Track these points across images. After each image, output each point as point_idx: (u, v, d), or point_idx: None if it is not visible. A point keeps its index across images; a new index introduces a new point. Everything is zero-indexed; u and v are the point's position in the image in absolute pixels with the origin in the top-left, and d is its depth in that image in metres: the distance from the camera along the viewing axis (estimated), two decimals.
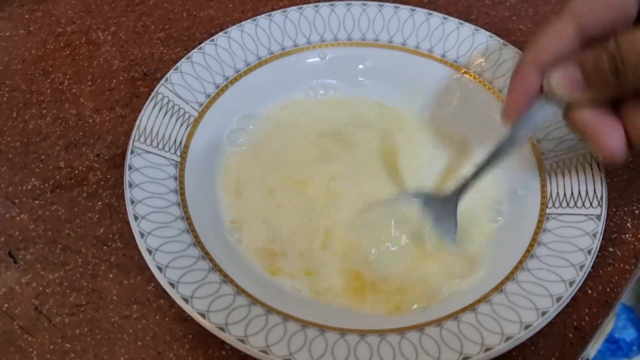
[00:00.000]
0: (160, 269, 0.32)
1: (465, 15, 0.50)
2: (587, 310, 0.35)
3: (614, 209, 0.38)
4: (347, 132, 0.42)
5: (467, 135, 0.41)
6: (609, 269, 0.36)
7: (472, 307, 0.31)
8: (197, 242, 0.34)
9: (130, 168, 0.35)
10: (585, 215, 0.33)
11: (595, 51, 0.28)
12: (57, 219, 0.39)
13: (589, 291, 0.35)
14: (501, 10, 0.51)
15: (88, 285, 0.36)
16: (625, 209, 0.38)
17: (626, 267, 0.36)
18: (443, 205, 0.36)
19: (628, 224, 0.38)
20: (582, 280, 0.31)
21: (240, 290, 0.32)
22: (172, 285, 0.31)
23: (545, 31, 0.31)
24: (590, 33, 0.30)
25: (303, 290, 0.34)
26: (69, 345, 0.33)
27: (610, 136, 0.29)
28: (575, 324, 0.34)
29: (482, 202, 0.37)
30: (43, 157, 0.42)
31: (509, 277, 0.32)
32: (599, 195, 0.34)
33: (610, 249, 0.37)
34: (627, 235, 0.37)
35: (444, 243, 0.36)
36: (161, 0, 0.52)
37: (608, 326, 0.65)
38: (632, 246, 0.37)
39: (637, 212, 0.38)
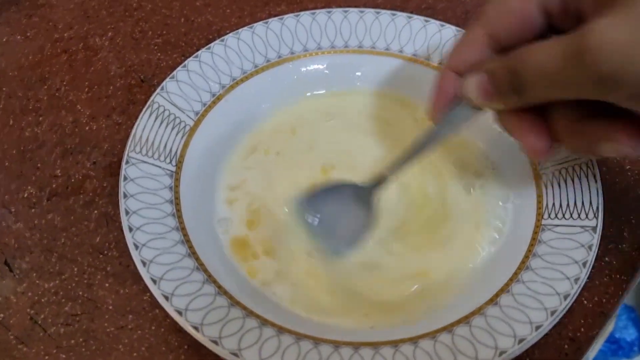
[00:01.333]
0: (154, 281, 0.32)
1: (463, 21, 0.50)
2: (582, 321, 0.35)
3: (611, 219, 0.38)
4: (347, 140, 0.42)
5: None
6: (605, 279, 0.36)
7: (466, 319, 0.31)
8: (192, 253, 0.34)
9: (125, 178, 0.36)
10: (581, 227, 0.33)
11: (497, 63, 0.29)
12: (53, 227, 0.39)
13: (585, 302, 0.35)
14: None
15: (84, 294, 0.36)
16: (622, 218, 0.38)
17: (622, 277, 0.36)
18: (357, 195, 0.36)
19: (625, 234, 0.38)
20: (577, 294, 0.31)
21: (234, 302, 0.32)
22: (166, 297, 0.31)
23: (461, 38, 0.32)
24: (501, 41, 0.31)
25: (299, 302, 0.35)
26: (64, 356, 0.34)
27: (532, 138, 0.30)
28: (570, 335, 0.34)
29: (477, 210, 0.37)
30: (39, 164, 0.42)
31: (504, 289, 0.32)
32: (594, 207, 0.34)
33: (607, 259, 0.37)
34: (623, 245, 0.37)
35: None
36: (159, 5, 0.52)
37: (609, 326, 0.65)
38: (628, 256, 0.37)
39: (634, 221, 0.38)
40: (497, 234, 0.36)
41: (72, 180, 0.41)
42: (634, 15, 0.24)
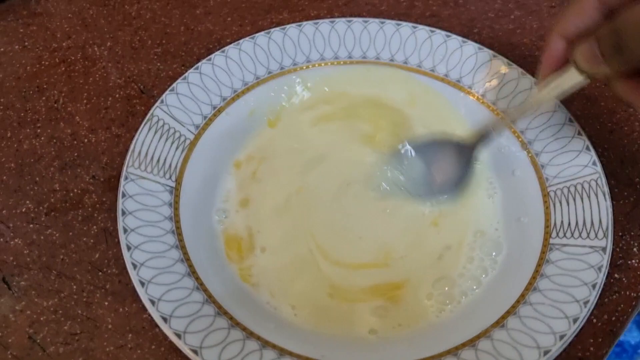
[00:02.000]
0: (153, 302, 0.32)
1: (469, 28, 0.49)
2: (592, 341, 0.34)
3: (620, 233, 0.37)
4: (349, 154, 0.41)
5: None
6: (615, 297, 0.36)
7: (472, 342, 0.31)
8: (192, 272, 0.34)
9: (123, 195, 0.35)
10: (590, 247, 0.33)
11: (604, 28, 0.30)
12: (52, 243, 0.39)
13: (594, 320, 0.35)
14: (505, 24, 0.50)
15: (83, 313, 0.36)
16: (632, 233, 0.38)
17: (632, 294, 0.36)
18: (453, 154, 0.38)
19: (634, 249, 0.37)
20: (587, 317, 0.31)
21: (235, 324, 0.32)
22: (165, 319, 0.31)
23: (571, 4, 0.33)
24: (612, 4, 0.31)
25: (299, 315, 0.34)
26: None
27: None
28: (579, 354, 0.34)
29: (484, 227, 0.37)
30: (37, 179, 0.42)
31: (511, 311, 0.32)
32: (604, 226, 0.34)
33: (616, 276, 0.36)
34: (633, 261, 0.37)
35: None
36: (158, 14, 0.51)
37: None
38: (638, 272, 0.36)
39: None
40: (504, 253, 0.36)
41: (71, 194, 0.41)
42: None
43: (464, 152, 0.38)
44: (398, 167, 0.39)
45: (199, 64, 0.42)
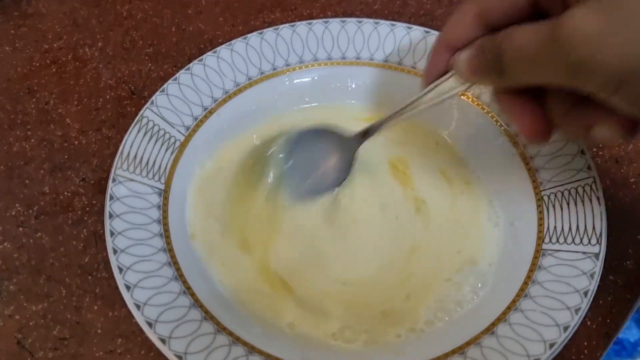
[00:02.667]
0: (138, 307, 0.32)
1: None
2: (586, 343, 0.34)
3: (615, 235, 0.37)
4: None
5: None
6: (609, 298, 0.36)
7: (461, 349, 0.31)
8: (179, 276, 0.34)
9: (111, 198, 0.35)
10: (583, 253, 0.33)
11: (485, 40, 0.30)
12: (41, 247, 0.39)
13: (589, 322, 0.35)
14: None
15: (72, 317, 0.36)
16: (627, 234, 0.38)
17: (627, 296, 0.36)
18: (341, 145, 0.38)
19: (629, 250, 0.37)
20: (578, 324, 0.31)
21: (221, 329, 0.32)
22: (150, 324, 0.31)
23: (454, 14, 0.33)
24: (492, 21, 0.31)
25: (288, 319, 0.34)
26: None
27: (528, 120, 0.31)
28: (574, 357, 0.34)
29: (476, 232, 0.37)
30: (27, 181, 0.42)
31: (501, 318, 0.32)
32: (598, 232, 0.33)
33: (611, 277, 0.36)
34: (628, 263, 0.37)
35: None
36: (149, 14, 0.51)
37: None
38: (633, 274, 0.37)
39: (639, 237, 0.38)
40: (495, 258, 0.36)
41: (61, 197, 0.41)
42: (605, 4, 0.24)
43: (347, 145, 0.38)
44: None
45: (190, 64, 0.42)
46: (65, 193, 0.41)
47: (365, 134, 0.37)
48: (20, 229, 0.40)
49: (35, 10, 0.52)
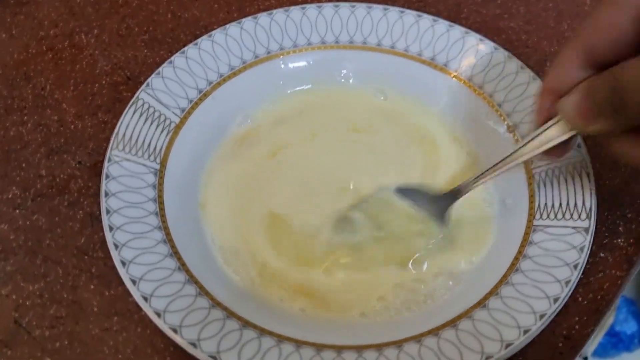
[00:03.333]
0: (134, 282, 0.32)
1: (456, 13, 0.50)
2: (577, 319, 0.35)
3: (606, 213, 0.38)
4: (335, 136, 0.42)
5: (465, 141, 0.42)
6: (600, 275, 0.36)
7: (452, 322, 0.31)
8: (174, 253, 0.34)
9: (107, 177, 0.36)
10: (573, 227, 0.34)
11: (596, 80, 0.28)
12: (38, 228, 0.39)
13: (580, 299, 0.35)
14: (492, 9, 0.51)
15: (68, 296, 0.37)
16: (618, 212, 0.39)
17: (617, 273, 0.36)
18: (432, 204, 0.37)
19: (620, 228, 0.38)
20: (568, 296, 0.31)
21: (215, 304, 0.32)
22: (145, 298, 0.32)
23: (558, 56, 0.32)
24: (598, 57, 0.30)
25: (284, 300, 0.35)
26: (49, 359, 0.34)
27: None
28: (565, 332, 0.34)
29: (467, 209, 0.38)
30: (24, 165, 0.42)
31: (493, 291, 0.32)
32: (587, 207, 0.34)
33: (602, 255, 0.37)
34: (619, 240, 0.38)
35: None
36: (145, 1, 0.52)
37: (609, 319, 0.67)
38: (624, 251, 0.37)
39: (629, 215, 0.39)
40: (487, 235, 0.36)
41: (57, 180, 0.42)
42: None
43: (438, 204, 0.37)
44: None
45: (185, 48, 0.42)
46: (62, 176, 0.42)
47: (458, 192, 0.36)
48: (17, 211, 0.40)
49: None
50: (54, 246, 0.39)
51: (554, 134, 0.32)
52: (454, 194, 0.36)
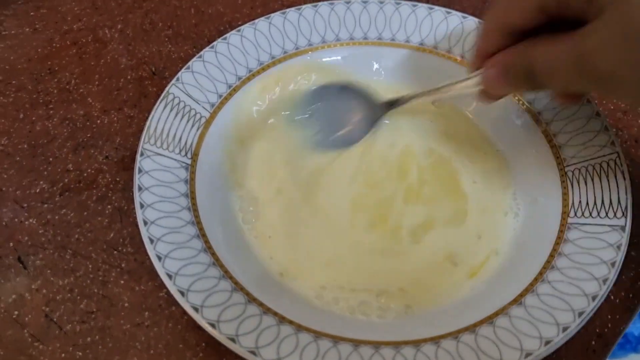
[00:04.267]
0: (170, 277, 0.32)
1: (481, 9, 0.50)
2: (609, 317, 0.35)
3: (636, 212, 0.38)
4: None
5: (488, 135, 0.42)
6: (632, 274, 0.37)
7: (490, 319, 0.31)
8: (208, 248, 0.34)
9: (140, 171, 0.36)
10: (609, 226, 0.34)
11: (516, 60, 0.32)
12: (67, 223, 0.40)
13: (612, 297, 0.36)
14: None
15: (99, 291, 0.37)
16: None
17: None
18: (367, 107, 0.41)
19: None
20: (606, 295, 0.31)
21: (251, 299, 0.33)
22: (182, 293, 0.32)
23: (479, 32, 0.35)
24: (513, 31, 0.33)
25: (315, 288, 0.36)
26: (80, 354, 0.34)
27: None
28: (597, 330, 0.35)
29: (498, 210, 0.38)
30: (51, 159, 0.43)
31: (529, 289, 0.32)
32: (623, 205, 0.34)
33: (633, 253, 0.37)
34: None
35: None
36: None
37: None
38: None
39: None
40: (520, 232, 0.37)
41: (85, 174, 0.42)
42: (617, 20, 0.27)
43: (374, 108, 0.42)
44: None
45: (215, 43, 0.42)
46: (89, 170, 0.42)
47: (393, 103, 0.41)
48: (45, 205, 0.40)
49: None
50: (83, 241, 0.39)
51: (467, 88, 0.37)
52: (390, 104, 0.41)
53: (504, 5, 0.33)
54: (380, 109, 0.42)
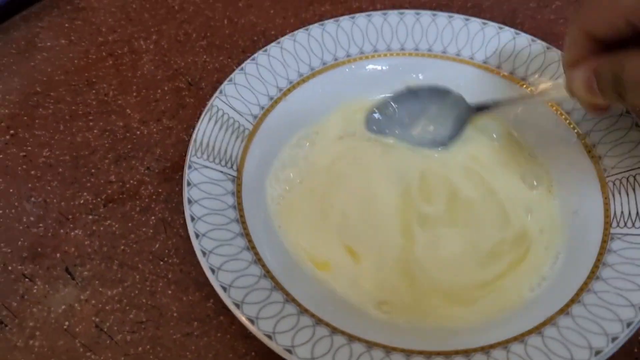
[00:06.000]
0: (224, 289, 0.33)
1: (511, 19, 0.51)
2: None
3: None
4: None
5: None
6: None
7: (537, 329, 0.33)
8: (258, 260, 0.36)
9: (188, 184, 0.37)
10: None
11: (606, 66, 0.33)
12: (112, 234, 0.41)
13: None
14: (547, 14, 0.52)
15: (147, 302, 0.38)
16: None
17: None
18: (454, 109, 0.43)
19: None
20: None
21: (303, 310, 0.34)
22: (237, 305, 0.33)
23: (566, 39, 0.36)
24: (600, 39, 0.34)
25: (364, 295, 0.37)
26: None
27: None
28: (636, 350, 0.36)
29: (544, 218, 0.39)
30: (93, 170, 0.44)
31: (574, 299, 0.33)
32: None
33: None
34: None
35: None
36: (201, 7, 0.54)
37: None
38: None
39: None
40: (563, 243, 0.38)
41: (127, 186, 0.43)
42: None
43: (463, 109, 0.44)
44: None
45: (255, 55, 0.44)
46: (131, 182, 0.43)
47: (482, 108, 0.43)
48: (90, 217, 0.42)
49: (87, 4, 0.54)
50: (129, 252, 0.40)
51: (557, 93, 0.38)
52: (478, 109, 0.43)
53: (589, 14, 0.34)
54: (467, 112, 0.43)
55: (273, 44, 0.44)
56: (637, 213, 0.36)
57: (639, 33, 0.32)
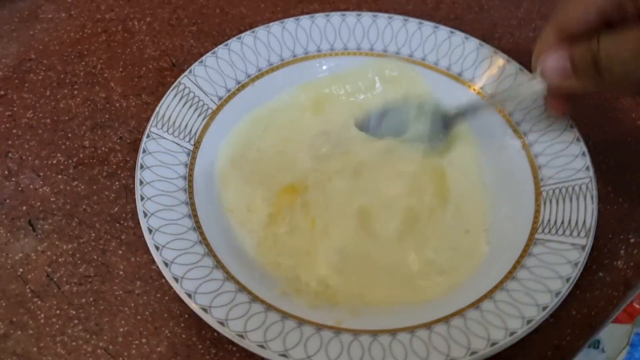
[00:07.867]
0: (157, 248, 0.36)
1: (490, 33, 0.53)
2: (569, 331, 0.38)
3: (610, 236, 0.42)
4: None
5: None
6: (597, 293, 0.40)
7: (445, 319, 0.35)
8: (197, 228, 0.38)
9: (144, 151, 0.40)
10: (571, 244, 0.37)
11: (582, 48, 0.35)
12: (77, 194, 0.44)
13: (574, 312, 0.39)
14: (526, 32, 0.54)
15: (98, 258, 0.41)
16: (621, 236, 0.42)
17: (614, 293, 0.40)
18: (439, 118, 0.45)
19: (621, 252, 0.41)
20: (556, 306, 0.34)
21: (241, 287, 0.36)
22: (166, 264, 0.36)
23: (540, 35, 0.38)
24: (570, 33, 0.36)
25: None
26: (74, 312, 0.39)
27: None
28: (555, 342, 0.38)
29: (472, 222, 0.41)
30: (70, 135, 0.48)
31: (487, 295, 0.35)
32: (587, 226, 0.37)
33: (601, 274, 0.40)
34: (618, 262, 0.41)
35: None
36: None
37: (620, 356, 0.69)
38: (622, 273, 0.40)
39: (632, 240, 0.42)
40: (489, 242, 0.40)
41: (99, 152, 0.47)
42: None
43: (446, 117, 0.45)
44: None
45: (229, 41, 0.47)
46: (103, 148, 0.47)
47: (460, 114, 0.44)
48: (59, 176, 0.45)
49: None
50: (90, 211, 0.43)
51: (528, 88, 0.40)
52: (457, 116, 0.44)
53: (564, 11, 0.37)
54: (448, 122, 0.45)
55: (247, 32, 0.48)
56: (562, 222, 0.38)
57: (606, 23, 0.35)
